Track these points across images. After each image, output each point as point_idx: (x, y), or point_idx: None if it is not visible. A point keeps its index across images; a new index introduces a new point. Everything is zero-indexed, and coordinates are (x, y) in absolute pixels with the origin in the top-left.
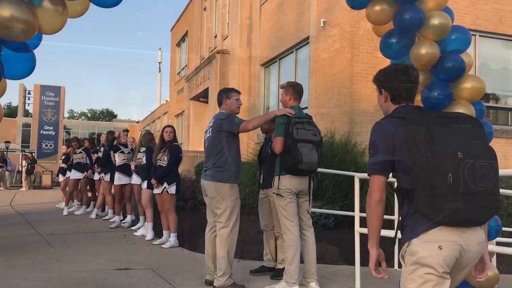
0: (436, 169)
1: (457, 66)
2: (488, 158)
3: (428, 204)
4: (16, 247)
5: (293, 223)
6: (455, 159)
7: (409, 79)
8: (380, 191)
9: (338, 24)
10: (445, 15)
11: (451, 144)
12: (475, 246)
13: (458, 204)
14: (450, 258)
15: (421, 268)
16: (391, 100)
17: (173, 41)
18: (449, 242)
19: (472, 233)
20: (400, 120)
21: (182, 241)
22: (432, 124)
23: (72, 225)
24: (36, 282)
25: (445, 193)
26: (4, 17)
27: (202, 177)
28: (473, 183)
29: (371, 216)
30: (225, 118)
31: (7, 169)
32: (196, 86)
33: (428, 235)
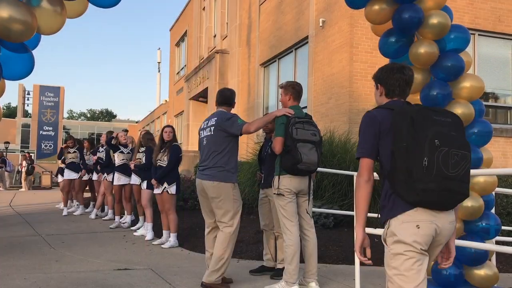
0: (414, 154)
1: (456, 65)
2: (462, 149)
3: (404, 185)
4: (16, 247)
5: (293, 223)
6: (432, 145)
7: (404, 78)
8: (368, 172)
9: (337, 24)
10: (444, 14)
11: (430, 132)
12: (448, 225)
13: (430, 185)
14: (427, 236)
15: (402, 247)
16: (385, 94)
17: (172, 41)
18: (425, 221)
19: (445, 215)
20: (388, 111)
21: (182, 241)
22: (416, 114)
23: (71, 225)
24: (35, 282)
25: (420, 175)
26: (2, 18)
27: (200, 177)
28: (446, 168)
29: (360, 195)
30: (229, 119)
31: (6, 170)
32: (196, 86)
33: (406, 215)
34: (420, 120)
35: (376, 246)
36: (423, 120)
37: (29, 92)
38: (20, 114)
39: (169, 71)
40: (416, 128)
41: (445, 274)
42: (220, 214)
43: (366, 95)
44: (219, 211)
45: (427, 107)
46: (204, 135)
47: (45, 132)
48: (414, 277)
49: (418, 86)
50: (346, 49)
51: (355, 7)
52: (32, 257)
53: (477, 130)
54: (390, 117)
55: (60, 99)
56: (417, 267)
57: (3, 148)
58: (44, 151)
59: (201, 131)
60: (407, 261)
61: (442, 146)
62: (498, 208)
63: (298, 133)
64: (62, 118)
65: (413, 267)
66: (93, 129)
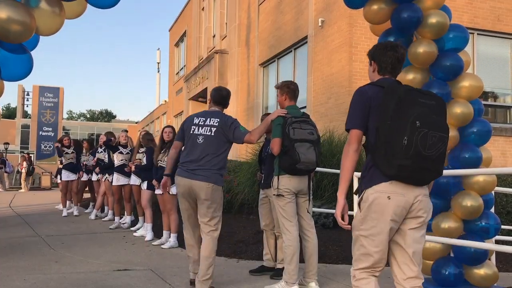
0: (396, 132)
1: (455, 65)
2: (441, 131)
3: (383, 159)
4: (15, 248)
5: (292, 223)
6: (413, 126)
7: (396, 55)
8: (357, 142)
9: (336, 23)
10: (442, 13)
11: (413, 113)
12: (422, 197)
13: (407, 162)
14: (397, 207)
15: (372, 213)
16: (378, 71)
17: (172, 41)
18: (397, 194)
19: (418, 189)
20: (379, 88)
21: (182, 242)
22: (404, 94)
23: (71, 226)
24: (35, 283)
25: (398, 152)
26: (1, 19)
27: (189, 176)
28: (423, 148)
29: (346, 164)
30: (232, 124)
31: (6, 171)
32: (195, 86)
33: (380, 186)
34: (407, 101)
35: None
36: (409, 101)
37: (29, 92)
38: (19, 115)
39: (169, 71)
40: (402, 108)
41: (444, 274)
42: (208, 218)
43: None
44: (208, 214)
45: (415, 88)
46: (201, 133)
47: (44, 132)
48: (378, 243)
49: (417, 85)
50: (345, 48)
51: (354, 7)
52: (31, 258)
53: (476, 130)
54: (381, 94)
55: (60, 100)
56: (384, 235)
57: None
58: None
59: (194, 126)
60: (375, 228)
61: (422, 127)
62: (497, 207)
63: (295, 133)
64: (61, 118)
65: (380, 234)
66: (92, 130)
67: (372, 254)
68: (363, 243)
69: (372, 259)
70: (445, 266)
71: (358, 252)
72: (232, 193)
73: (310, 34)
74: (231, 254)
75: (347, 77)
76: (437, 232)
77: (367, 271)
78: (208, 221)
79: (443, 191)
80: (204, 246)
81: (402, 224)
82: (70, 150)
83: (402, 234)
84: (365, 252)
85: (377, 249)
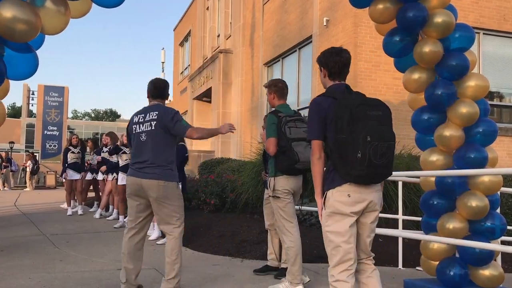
0: (351, 146)
1: (461, 64)
2: (389, 140)
3: (341, 168)
4: (20, 247)
5: (293, 224)
6: (364, 141)
7: (341, 60)
8: (319, 151)
9: (341, 23)
10: (448, 13)
11: (364, 129)
12: (375, 193)
13: (362, 172)
14: (356, 203)
15: (335, 210)
16: (329, 76)
17: (176, 41)
18: (355, 192)
19: (371, 187)
20: (332, 100)
21: (186, 241)
22: (355, 108)
23: (76, 225)
24: (39, 282)
25: (354, 163)
26: (6, 18)
27: (137, 175)
28: (375, 158)
29: (316, 171)
30: (173, 117)
31: (11, 170)
32: (199, 86)
33: (341, 187)
34: (358, 115)
35: (380, 246)
36: (360, 114)
37: (34, 92)
38: (24, 114)
39: (173, 71)
40: (354, 122)
41: (450, 274)
42: (166, 216)
43: (371, 94)
44: (165, 213)
45: (364, 100)
46: (142, 130)
47: (49, 132)
48: (344, 233)
49: (423, 85)
50: (350, 48)
51: (359, 6)
52: (36, 257)
53: (482, 130)
54: (332, 107)
55: (65, 99)
56: (347, 227)
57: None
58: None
59: (135, 125)
60: (339, 221)
61: (373, 141)
62: (503, 208)
63: (292, 132)
64: (66, 118)
65: (344, 226)
66: (97, 129)
67: (340, 244)
68: (331, 238)
69: (342, 250)
70: (450, 266)
71: (329, 248)
72: (236, 192)
73: (315, 33)
74: (235, 254)
75: (352, 76)
76: (442, 232)
77: (343, 269)
78: (168, 219)
79: (448, 191)
80: (168, 247)
81: (362, 217)
82: (76, 149)
83: (363, 227)
84: (334, 245)
85: (344, 239)
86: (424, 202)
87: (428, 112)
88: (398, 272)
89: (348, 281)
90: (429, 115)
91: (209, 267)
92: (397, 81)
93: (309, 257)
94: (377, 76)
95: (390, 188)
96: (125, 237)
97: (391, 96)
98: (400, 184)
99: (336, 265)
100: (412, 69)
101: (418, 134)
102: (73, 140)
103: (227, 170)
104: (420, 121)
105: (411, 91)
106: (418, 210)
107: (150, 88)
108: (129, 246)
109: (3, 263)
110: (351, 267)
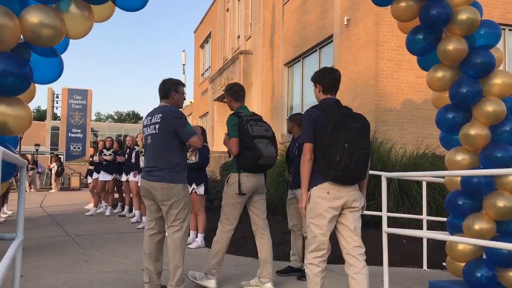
0: (332, 151)
1: (486, 62)
2: (364, 149)
3: (323, 169)
4: (46, 248)
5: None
6: (343, 148)
7: (334, 76)
8: (310, 153)
9: (362, 22)
10: (473, 9)
11: (343, 138)
12: (352, 192)
13: (339, 173)
14: (335, 199)
15: (316, 204)
16: (323, 91)
17: (197, 42)
18: (333, 190)
19: (349, 187)
20: (321, 111)
21: (208, 242)
22: (339, 119)
23: (100, 226)
24: (66, 282)
25: (333, 165)
26: (33, 23)
27: (146, 178)
28: (350, 163)
29: (304, 170)
30: (179, 119)
31: (37, 171)
32: (220, 87)
33: (322, 185)
34: (340, 126)
35: (404, 247)
36: (342, 125)
37: (58, 95)
38: (49, 117)
39: (194, 72)
40: (337, 130)
41: (477, 276)
42: (170, 218)
43: (393, 93)
44: (169, 215)
45: (349, 113)
46: (149, 133)
47: (73, 134)
48: (322, 226)
49: (447, 83)
50: (371, 47)
51: (381, 4)
52: (62, 257)
53: (509, 128)
54: (322, 117)
55: (88, 102)
56: (326, 221)
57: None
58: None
59: (144, 128)
60: (319, 215)
61: (350, 148)
62: None
63: (254, 130)
64: (90, 120)
65: (323, 220)
66: (120, 131)
67: (317, 235)
68: (312, 228)
69: (318, 240)
70: (477, 268)
71: (309, 236)
72: None
73: (336, 32)
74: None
75: (374, 75)
76: (469, 233)
77: (316, 255)
78: (171, 221)
79: (474, 191)
80: (169, 251)
81: (347, 215)
82: (109, 152)
83: (345, 217)
84: (313, 235)
85: (321, 231)
86: (450, 202)
87: (453, 110)
88: (423, 273)
89: (320, 265)
90: (454, 113)
91: (231, 268)
92: (420, 79)
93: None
94: (399, 75)
95: (414, 188)
96: (145, 236)
97: (414, 94)
98: (424, 184)
99: (312, 251)
100: (435, 68)
101: (442, 133)
102: (107, 142)
103: None
104: (445, 120)
105: (435, 89)
106: (442, 210)
107: (158, 90)
108: (150, 245)
109: (30, 263)
110: (324, 255)
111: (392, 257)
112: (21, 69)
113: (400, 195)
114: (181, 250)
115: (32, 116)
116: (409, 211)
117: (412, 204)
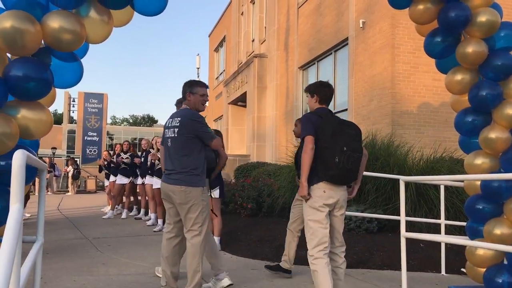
0: (331, 153)
1: (507, 64)
2: (358, 152)
3: (322, 169)
4: (64, 250)
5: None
6: (341, 150)
7: (330, 91)
8: (312, 143)
9: (378, 24)
10: (493, 11)
11: (342, 141)
12: (342, 192)
13: (337, 172)
14: (329, 197)
15: (314, 202)
16: (319, 102)
17: (211, 46)
18: (329, 189)
19: (341, 187)
20: (318, 117)
21: (224, 245)
22: (336, 126)
23: (116, 228)
24: (84, 284)
25: (332, 166)
26: (54, 29)
27: (165, 181)
28: (347, 164)
29: (305, 158)
30: (198, 122)
31: (55, 174)
32: (234, 91)
33: (319, 184)
34: (338, 131)
35: (422, 252)
36: (340, 131)
37: (74, 99)
38: (66, 120)
39: (208, 76)
40: (336, 135)
41: (498, 282)
42: (188, 222)
43: (410, 96)
44: (187, 219)
45: (342, 121)
46: (169, 135)
47: (89, 137)
48: (321, 220)
49: (466, 86)
50: (387, 50)
51: (399, 7)
52: (80, 260)
53: None
54: (319, 122)
55: (104, 106)
56: (323, 216)
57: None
58: (89, 156)
59: (166, 129)
60: (317, 212)
61: (348, 151)
62: None
63: None
64: (105, 124)
65: (320, 215)
66: (135, 134)
67: (317, 230)
68: (310, 225)
69: (319, 233)
70: (498, 274)
71: (308, 234)
72: (273, 197)
73: (351, 35)
74: (273, 258)
75: (390, 78)
76: (489, 238)
77: (320, 249)
78: (190, 225)
79: (494, 195)
80: (188, 255)
81: (335, 212)
82: (126, 155)
83: (335, 220)
84: (313, 231)
85: (321, 225)
86: (469, 206)
87: (472, 114)
88: (442, 278)
89: (325, 258)
90: (473, 117)
91: (247, 271)
92: (437, 82)
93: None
94: (416, 78)
95: (432, 192)
96: (164, 239)
97: (431, 97)
98: (442, 188)
99: (315, 246)
100: (454, 70)
101: (461, 137)
102: (124, 146)
103: (263, 174)
104: (464, 123)
105: (454, 92)
106: (460, 215)
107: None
108: (168, 249)
109: (49, 265)
110: (326, 248)
111: (409, 261)
112: (42, 74)
113: (418, 199)
114: (200, 255)
115: (52, 120)
116: (427, 215)
117: (430, 208)
